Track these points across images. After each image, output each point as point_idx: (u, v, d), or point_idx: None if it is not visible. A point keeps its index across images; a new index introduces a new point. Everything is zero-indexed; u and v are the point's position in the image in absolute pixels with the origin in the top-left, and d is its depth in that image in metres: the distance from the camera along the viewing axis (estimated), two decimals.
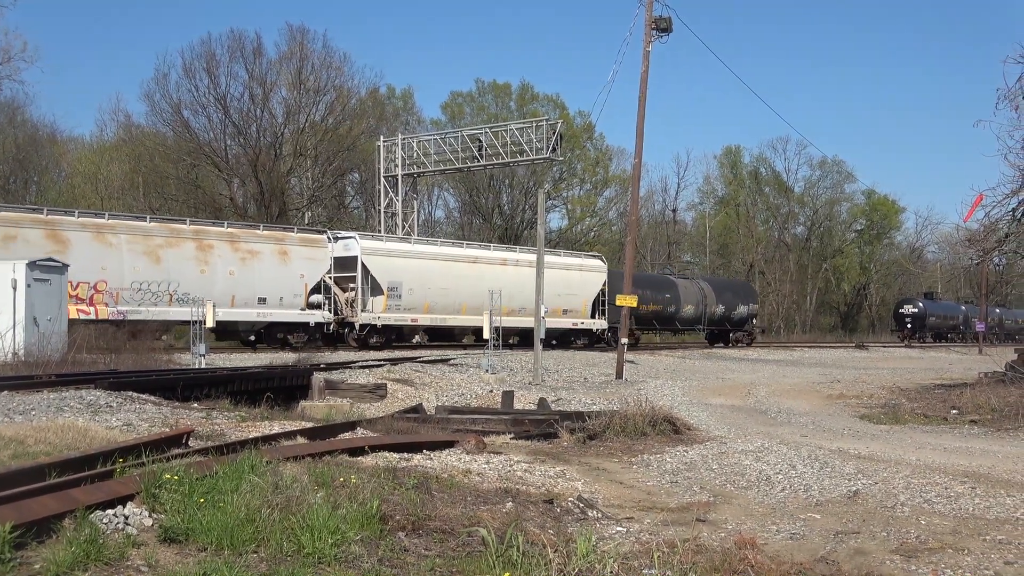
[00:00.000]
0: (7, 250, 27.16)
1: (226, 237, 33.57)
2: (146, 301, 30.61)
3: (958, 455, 13.34)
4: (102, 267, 29.72)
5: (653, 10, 28.94)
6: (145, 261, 30.87)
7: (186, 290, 31.21)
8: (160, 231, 32.01)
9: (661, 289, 50.92)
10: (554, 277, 40.37)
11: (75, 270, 27.58)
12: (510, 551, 6.64)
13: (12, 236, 28.21)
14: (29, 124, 59.24)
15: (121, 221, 31.82)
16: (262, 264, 33.90)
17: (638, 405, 15.59)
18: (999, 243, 23.43)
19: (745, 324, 57.08)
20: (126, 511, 6.84)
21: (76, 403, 13.37)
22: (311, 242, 36.09)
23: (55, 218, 29.94)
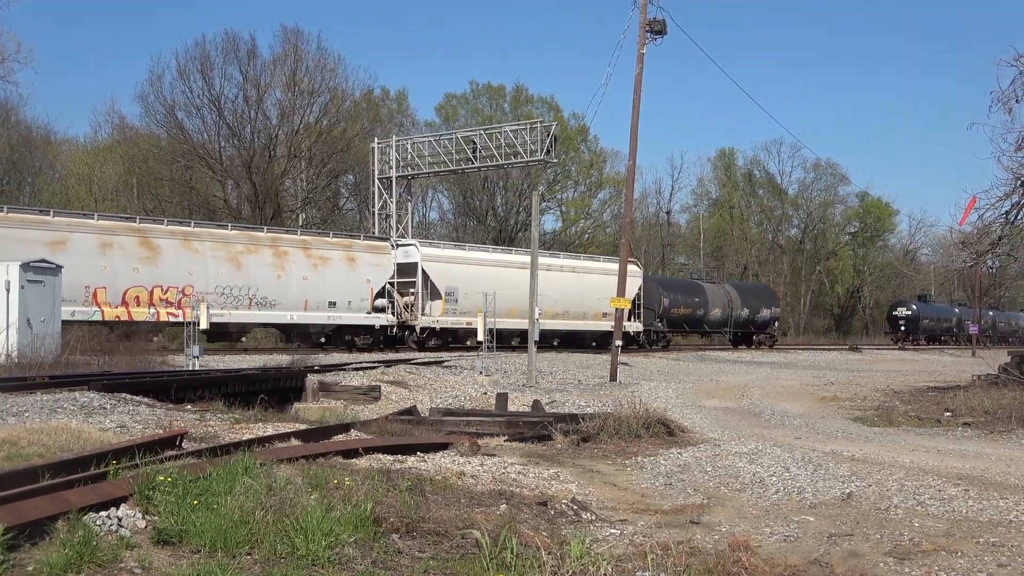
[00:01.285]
0: (105, 256, 29.90)
1: (300, 244, 35.77)
2: (228, 304, 32.59)
3: (951, 457, 13.36)
4: (189, 272, 31.87)
5: (648, 12, 28.98)
6: (227, 267, 32.90)
7: (264, 294, 33.29)
8: (240, 238, 34.18)
9: (690, 293, 53.10)
10: (595, 282, 43.62)
11: (165, 275, 30.99)
12: (504, 553, 6.64)
13: (109, 244, 30.37)
14: (23, 125, 59.18)
15: (205, 229, 34.03)
16: (332, 270, 35.83)
17: (632, 407, 15.59)
18: (992, 246, 23.43)
19: (768, 327, 59.22)
20: (120, 513, 6.83)
21: (70, 405, 13.34)
22: (376, 249, 38.13)
23: (146, 226, 32.15)
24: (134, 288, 30.79)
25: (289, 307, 34.35)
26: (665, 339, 51.58)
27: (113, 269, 30.32)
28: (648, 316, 48.49)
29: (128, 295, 30.60)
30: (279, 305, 34.06)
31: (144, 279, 31.04)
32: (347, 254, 36.76)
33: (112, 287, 30.22)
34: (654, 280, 52.39)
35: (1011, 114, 20.91)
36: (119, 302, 30.41)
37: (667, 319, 50.67)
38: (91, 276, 29.61)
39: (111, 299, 30.21)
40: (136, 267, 30.96)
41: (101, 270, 30.00)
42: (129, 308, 30.44)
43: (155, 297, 31.12)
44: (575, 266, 45.28)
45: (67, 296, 27.29)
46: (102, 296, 29.96)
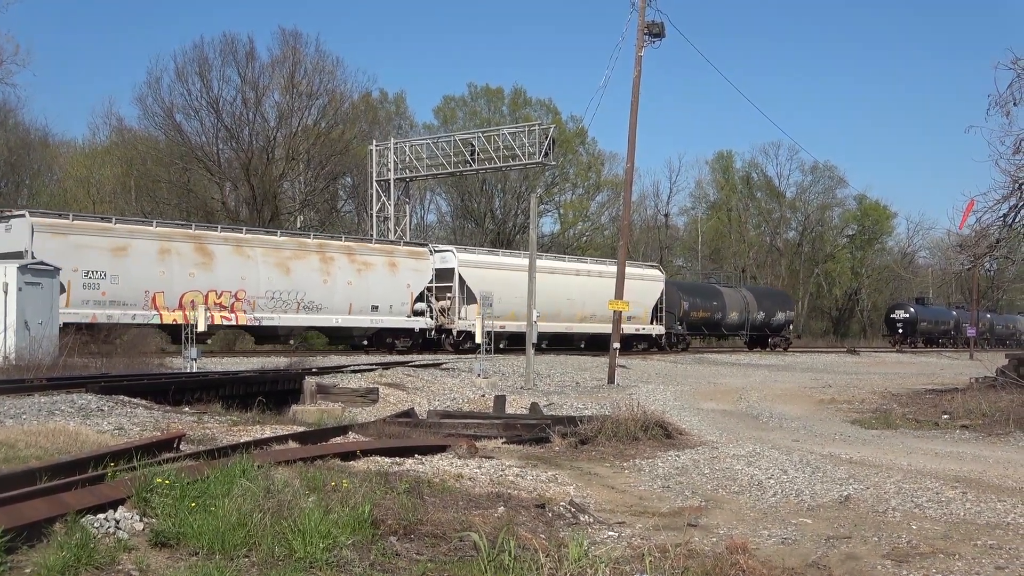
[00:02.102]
0: (163, 262, 31.07)
1: (344, 250, 36.98)
2: (278, 308, 33.85)
3: (949, 460, 13.36)
4: (242, 277, 33.02)
5: (646, 15, 29.01)
6: (277, 272, 34.07)
7: (311, 299, 34.44)
8: (289, 244, 35.49)
9: (709, 297, 54.59)
10: None
11: (219, 280, 32.15)
12: (502, 556, 6.64)
13: (167, 250, 31.48)
14: (21, 127, 59.12)
15: (256, 235, 35.24)
16: (375, 275, 37.11)
17: (630, 410, 15.57)
18: (990, 248, 23.46)
19: (782, 329, 60.47)
20: (117, 515, 6.83)
21: (67, 407, 13.33)
22: (416, 255, 39.46)
23: (201, 233, 33.43)
24: (190, 292, 31.72)
25: (334, 311, 35.48)
26: (685, 341, 53.00)
27: (171, 274, 31.44)
28: (669, 319, 50.02)
29: (184, 299, 31.52)
30: (325, 309, 35.22)
31: (199, 284, 32.06)
32: (388, 259, 38.01)
33: (170, 291, 31.32)
34: (675, 284, 53.72)
35: (1009, 117, 20.94)
36: (176, 306, 31.36)
37: (687, 322, 52.13)
38: (150, 281, 30.82)
39: (169, 303, 31.23)
40: (192, 272, 31.99)
41: (160, 275, 31.14)
42: (185, 312, 31.16)
43: (210, 301, 32.05)
44: (601, 271, 46.35)
45: (128, 300, 29.55)
46: (160, 300, 31.02)
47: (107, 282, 29.65)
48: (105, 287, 29.59)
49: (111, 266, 29.81)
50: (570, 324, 43.86)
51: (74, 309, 28.55)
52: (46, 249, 28.12)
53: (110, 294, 29.64)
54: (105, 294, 29.59)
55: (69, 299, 28.51)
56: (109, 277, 29.68)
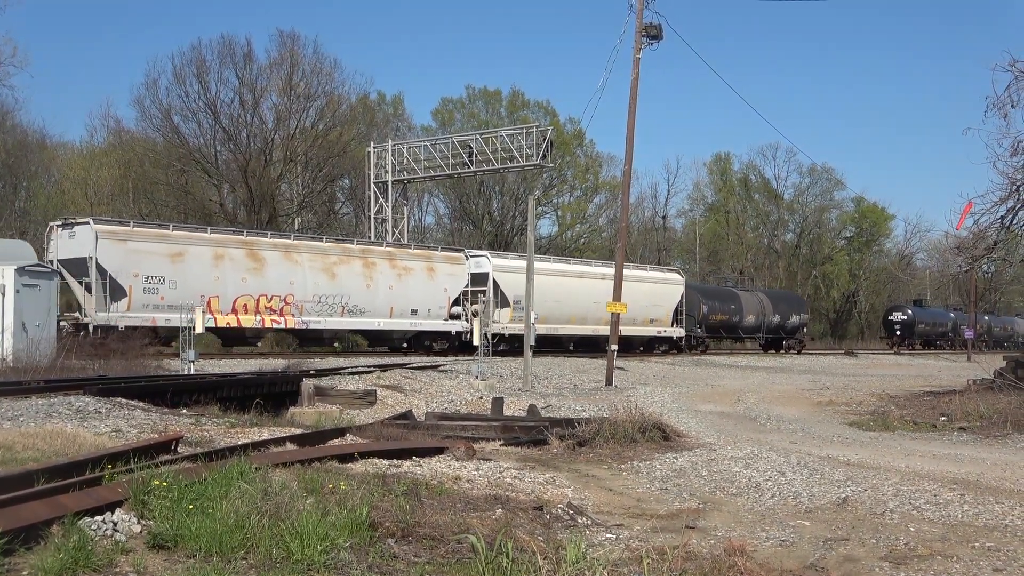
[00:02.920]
0: (218, 267, 32.11)
1: (386, 256, 38.03)
2: (324, 312, 34.86)
3: (947, 462, 13.37)
4: (290, 282, 34.00)
5: (643, 17, 29.01)
6: (323, 277, 35.11)
7: (355, 303, 35.51)
8: (334, 250, 36.48)
9: (727, 300, 56.01)
10: (644, 289, 46.71)
11: (269, 284, 33.25)
12: (500, 558, 6.64)
13: (221, 255, 32.52)
14: (18, 129, 59.00)
15: (304, 241, 36.63)
16: (414, 279, 38.16)
17: (628, 412, 15.58)
18: (988, 250, 23.46)
19: (796, 332, 61.95)
20: (115, 517, 6.83)
21: (65, 409, 13.31)
22: (453, 260, 40.67)
23: (253, 239, 34.56)
24: (243, 297, 32.75)
25: (376, 314, 36.50)
26: (704, 344, 54.07)
27: (224, 279, 32.43)
28: (689, 322, 51.28)
29: (237, 303, 32.60)
30: (368, 313, 36.19)
31: (251, 288, 33.04)
32: (427, 264, 39.10)
33: (224, 296, 32.27)
34: (694, 288, 54.67)
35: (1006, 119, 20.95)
36: (230, 310, 32.37)
37: (706, 325, 53.46)
38: (206, 286, 31.78)
39: (223, 307, 32.18)
40: (244, 277, 32.96)
41: (214, 280, 32.13)
42: (238, 316, 32.52)
43: (260, 305, 33.17)
44: (627, 275, 45.68)
45: (184, 304, 29.33)
46: (215, 304, 31.88)
47: (165, 287, 30.67)
48: (163, 292, 30.57)
49: (169, 271, 30.86)
50: (596, 327, 44.68)
51: (135, 313, 29.74)
52: (108, 255, 29.51)
53: (168, 299, 30.50)
54: (163, 298, 30.53)
55: (130, 303, 29.77)
56: (167, 282, 30.73)
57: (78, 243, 30.00)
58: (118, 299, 29.66)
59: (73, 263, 29.88)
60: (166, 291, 30.57)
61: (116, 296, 29.60)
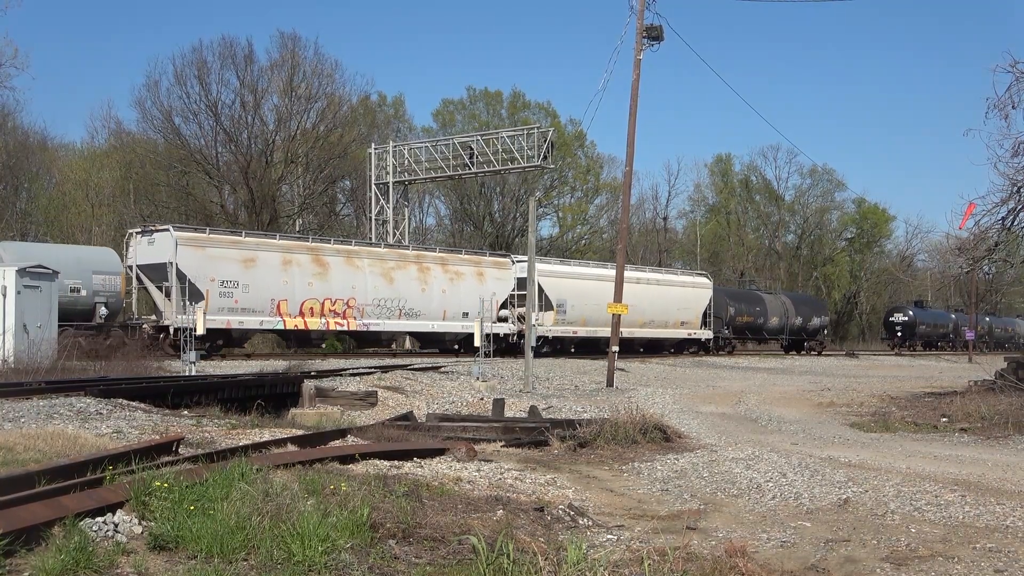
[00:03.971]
0: (286, 272, 33.78)
1: (439, 261, 39.99)
2: (383, 315, 36.53)
3: (948, 463, 13.36)
4: (352, 286, 35.64)
5: (644, 19, 29.02)
6: (382, 281, 36.81)
7: (411, 306, 37.04)
8: (391, 256, 38.36)
9: (752, 303, 57.99)
10: (675, 293, 49.63)
11: (333, 288, 34.97)
12: (500, 559, 6.64)
13: (289, 261, 34.23)
14: (19, 130, 58.94)
15: (364, 247, 38.37)
16: (465, 283, 39.72)
17: (629, 413, 15.60)
18: (989, 252, 23.44)
19: (817, 334, 64.01)
20: (116, 519, 6.83)
21: (66, 410, 13.32)
22: (500, 265, 42.47)
23: (317, 245, 36.63)
24: (309, 300, 34.40)
25: (431, 317, 38.04)
26: (731, 345, 56.02)
27: (293, 283, 34.07)
28: (717, 324, 52.96)
29: (304, 306, 34.27)
30: (422, 315, 37.70)
31: (317, 292, 34.67)
32: (476, 269, 40.74)
33: (292, 299, 33.94)
34: (721, 291, 56.16)
35: (1007, 120, 20.90)
36: (297, 313, 34.08)
37: (732, 327, 55.38)
38: (276, 290, 33.51)
39: (291, 310, 33.90)
40: (311, 282, 34.56)
41: (283, 284, 33.76)
42: (305, 318, 34.25)
43: (325, 308, 34.83)
44: (658, 279, 50.13)
45: (256, 307, 32.44)
46: (284, 307, 33.66)
47: (239, 291, 32.28)
48: (237, 295, 32.22)
49: (242, 276, 32.41)
50: (632, 330, 46.31)
51: (211, 316, 30.88)
52: (188, 260, 31.07)
53: (241, 302, 32.29)
54: (237, 302, 32.21)
55: (208, 306, 30.90)
56: (241, 286, 32.33)
57: (158, 249, 31.57)
58: (196, 302, 30.59)
59: (152, 268, 31.70)
60: (239, 295, 32.26)
61: (194, 299, 30.66)
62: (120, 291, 30.75)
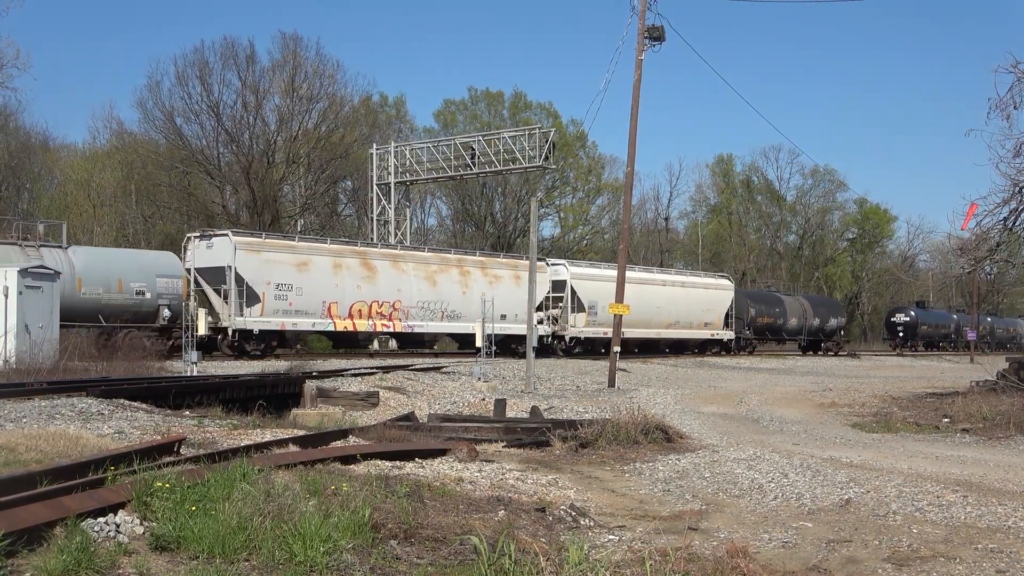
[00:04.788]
0: (337, 276, 35.15)
1: (479, 264, 41.33)
2: (426, 317, 37.89)
3: (950, 464, 13.36)
4: (398, 289, 36.96)
5: (646, 19, 29.01)
6: (426, 285, 38.19)
7: (453, 308, 38.25)
8: (434, 260, 39.70)
9: (772, 304, 59.42)
10: (699, 295, 51.34)
11: (380, 291, 36.37)
12: (502, 559, 6.64)
13: (339, 265, 35.56)
14: (21, 131, 59.07)
15: (409, 252, 40.14)
16: (503, 286, 40.99)
17: (630, 413, 15.59)
18: (990, 252, 23.41)
19: (834, 335, 65.22)
20: (117, 519, 6.83)
21: (68, 411, 13.32)
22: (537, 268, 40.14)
23: (365, 249, 37.81)
24: (358, 303, 35.76)
25: (471, 319, 37.87)
26: (751, 345, 57.44)
27: (343, 286, 35.39)
28: (738, 325, 54.33)
29: (353, 309, 35.60)
30: (463, 317, 38.54)
31: (365, 295, 36.03)
32: (513, 273, 41.90)
33: (342, 302, 35.23)
34: (743, 293, 57.92)
35: (1009, 120, 20.89)
36: (347, 315, 35.37)
37: (753, 328, 56.70)
38: (327, 293, 34.82)
39: (341, 312, 35.18)
40: (359, 285, 35.93)
41: (334, 287, 35.07)
42: (354, 320, 35.61)
43: (373, 310, 36.19)
44: (683, 281, 52.02)
45: (308, 310, 33.84)
46: (334, 310, 34.97)
47: (293, 293, 33.54)
48: (291, 298, 33.50)
49: (296, 279, 33.70)
50: (659, 330, 48.89)
51: (267, 317, 32.73)
52: (245, 264, 32.35)
53: (295, 304, 33.63)
54: (292, 304, 33.55)
55: (263, 308, 32.58)
56: (294, 289, 33.59)
57: (216, 253, 32.77)
58: (252, 305, 32.37)
59: (210, 271, 32.78)
60: (293, 297, 33.55)
61: (251, 302, 32.32)
62: (182, 294, 31.69)
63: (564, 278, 43.60)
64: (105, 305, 29.31)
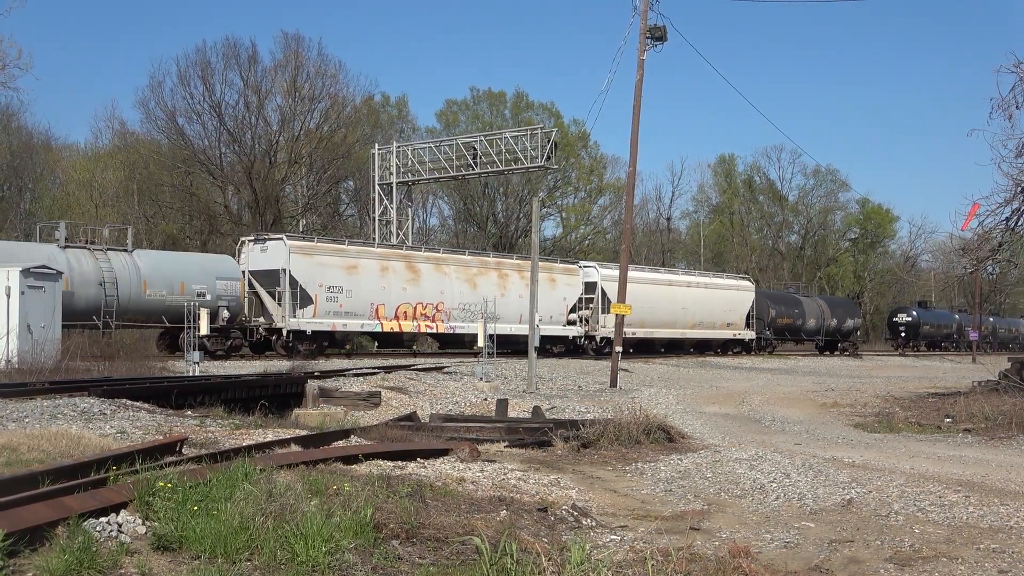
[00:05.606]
0: (384, 278, 36.43)
1: (516, 268, 42.24)
2: (466, 318, 38.57)
3: (952, 464, 13.35)
4: (441, 291, 38.21)
5: (648, 19, 28.99)
6: (466, 287, 39.37)
7: (492, 310, 38.07)
8: (474, 263, 41.14)
9: (791, 305, 60.87)
10: (722, 296, 53.08)
11: (424, 293, 37.63)
12: (504, 559, 6.64)
13: (386, 268, 36.89)
14: (24, 131, 59.12)
15: (451, 255, 41.67)
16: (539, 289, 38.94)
17: (632, 413, 15.59)
18: (992, 252, 23.41)
19: (850, 335, 66.57)
20: (119, 519, 6.83)
21: (70, 410, 13.33)
22: (569, 271, 45.44)
23: (410, 253, 39.64)
24: (403, 304, 37.13)
25: (509, 320, 39.61)
26: (772, 345, 58.93)
27: (389, 289, 36.72)
28: (759, 325, 55.80)
29: (399, 310, 36.94)
30: (502, 319, 38.20)
31: (410, 297, 37.43)
32: (549, 275, 42.75)
33: (388, 303, 36.58)
34: (763, 294, 59.18)
35: (1011, 120, 20.89)
36: (393, 316, 36.72)
37: (773, 328, 58.19)
38: (375, 295, 36.08)
39: (387, 314, 36.52)
40: (405, 287, 37.25)
41: (381, 289, 36.39)
42: (400, 321, 36.96)
43: (417, 312, 37.58)
44: (707, 283, 53.68)
45: (357, 311, 35.11)
46: (382, 311, 36.31)
47: (343, 296, 34.78)
48: (342, 300, 34.74)
49: (346, 282, 34.92)
50: (685, 331, 50.62)
51: (319, 319, 34.00)
52: (299, 267, 33.50)
53: (345, 306, 34.85)
54: (342, 306, 34.76)
55: (316, 310, 33.83)
56: (344, 291, 34.83)
57: (270, 256, 33.84)
58: (305, 306, 33.56)
59: (263, 274, 33.95)
60: (344, 299, 34.77)
61: (304, 304, 33.52)
62: (240, 295, 32.74)
63: (595, 280, 44.96)
64: (168, 307, 30.29)
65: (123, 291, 28.99)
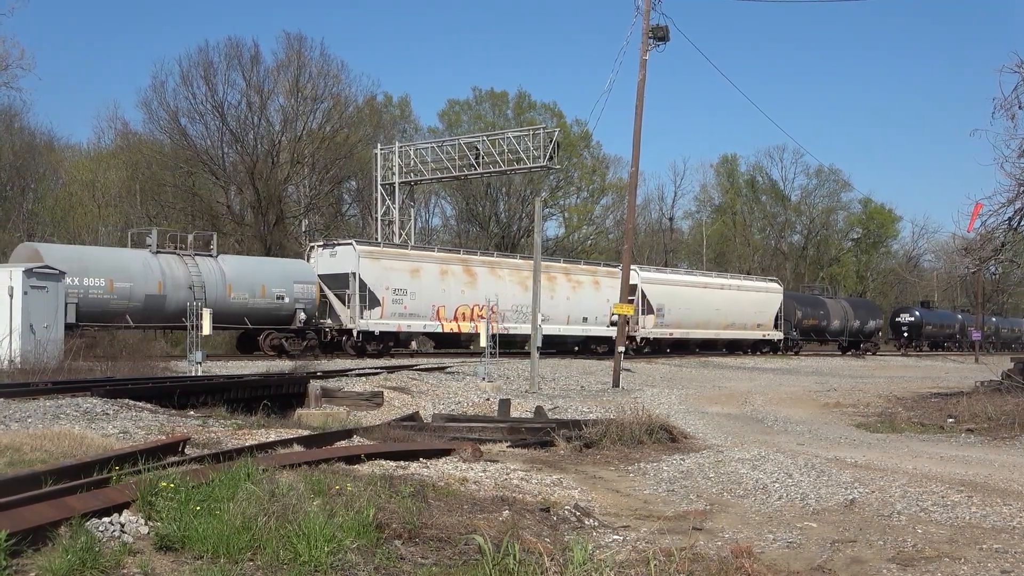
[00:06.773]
0: (444, 281, 38.18)
1: (563, 271, 44.50)
2: (519, 320, 39.63)
3: (955, 464, 13.34)
4: (496, 293, 38.48)
5: (650, 19, 28.98)
6: (518, 289, 40.39)
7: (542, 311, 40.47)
8: (525, 266, 40.69)
9: (816, 307, 62.47)
10: (752, 298, 54.83)
11: (480, 295, 38.68)
12: (506, 559, 6.64)
13: (446, 271, 38.65)
14: (26, 131, 59.03)
15: (504, 259, 43.27)
16: (584, 291, 44.26)
17: (635, 413, 15.60)
18: (995, 252, 23.40)
19: (872, 336, 68.11)
20: (122, 519, 6.84)
21: (72, 410, 13.34)
22: (612, 273, 45.24)
23: (467, 256, 41.64)
24: (462, 306, 38.87)
25: (557, 321, 41.37)
26: (798, 346, 60.42)
27: (449, 291, 38.46)
28: (786, 326, 57.40)
29: (458, 312, 38.71)
30: (550, 320, 39.84)
31: (468, 299, 39.04)
32: (593, 278, 45.11)
33: (448, 305, 38.37)
34: (790, 296, 60.77)
35: (1014, 121, 20.88)
36: (452, 317, 38.52)
37: (799, 329, 59.96)
38: (436, 297, 37.87)
39: (447, 315, 38.31)
40: (463, 289, 38.97)
41: (441, 292, 38.13)
42: (458, 322, 38.70)
43: (474, 313, 38.82)
44: (739, 285, 55.34)
45: (420, 312, 36.99)
46: (442, 313, 38.11)
47: (407, 298, 36.60)
48: (406, 302, 36.55)
49: (409, 284, 36.68)
50: (718, 331, 52.37)
51: (386, 320, 35.79)
52: (367, 271, 35.18)
53: (409, 308, 36.67)
54: (406, 308, 36.57)
55: (383, 312, 35.60)
56: (408, 294, 36.62)
57: (339, 261, 35.57)
58: (372, 308, 35.21)
59: (332, 277, 35.39)
60: (408, 301, 36.58)
61: (371, 305, 35.19)
62: (315, 298, 34.13)
63: (635, 282, 44.98)
64: (251, 309, 32.09)
65: (211, 294, 30.36)
